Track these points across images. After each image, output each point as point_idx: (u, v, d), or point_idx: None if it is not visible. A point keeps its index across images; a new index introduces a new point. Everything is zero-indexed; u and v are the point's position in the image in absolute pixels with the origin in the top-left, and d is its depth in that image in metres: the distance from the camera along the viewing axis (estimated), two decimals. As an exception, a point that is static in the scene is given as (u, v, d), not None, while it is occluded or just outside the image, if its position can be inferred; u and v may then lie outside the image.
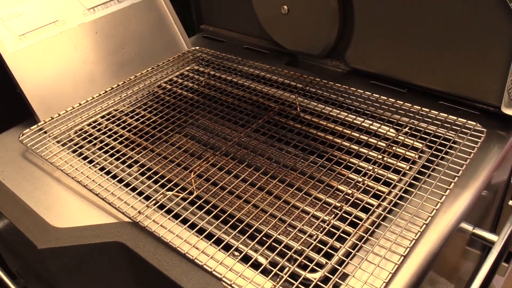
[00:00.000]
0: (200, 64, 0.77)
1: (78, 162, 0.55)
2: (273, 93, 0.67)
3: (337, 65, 0.73)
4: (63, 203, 0.52)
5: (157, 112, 0.65)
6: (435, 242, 0.44)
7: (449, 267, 0.57)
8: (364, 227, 0.44)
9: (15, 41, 0.61)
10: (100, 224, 0.48)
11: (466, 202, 0.48)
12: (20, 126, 0.64)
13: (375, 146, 0.55)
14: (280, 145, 0.57)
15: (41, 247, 0.46)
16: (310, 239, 0.44)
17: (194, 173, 0.53)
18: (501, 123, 0.58)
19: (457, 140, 0.54)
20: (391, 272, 0.40)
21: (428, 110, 0.59)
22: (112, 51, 0.70)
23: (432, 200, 0.46)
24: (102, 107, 0.65)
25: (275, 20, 0.73)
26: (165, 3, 0.77)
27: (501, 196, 0.65)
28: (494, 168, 0.53)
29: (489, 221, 0.66)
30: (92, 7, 0.69)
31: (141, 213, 0.48)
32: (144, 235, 0.46)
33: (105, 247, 0.47)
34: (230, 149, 0.58)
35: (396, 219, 0.45)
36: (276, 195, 0.50)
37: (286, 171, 0.53)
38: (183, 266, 0.43)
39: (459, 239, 0.52)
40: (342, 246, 0.42)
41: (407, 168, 0.51)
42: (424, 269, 0.42)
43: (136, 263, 0.46)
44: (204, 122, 0.64)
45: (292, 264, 0.41)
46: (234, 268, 0.42)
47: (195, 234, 0.45)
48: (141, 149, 0.58)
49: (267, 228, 0.45)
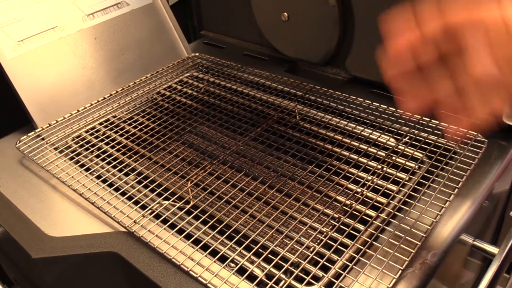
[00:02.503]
0: (200, 71, 0.76)
1: (74, 170, 0.55)
2: (273, 100, 0.67)
3: (337, 73, 0.73)
4: (58, 211, 0.51)
5: (155, 119, 0.64)
6: (435, 254, 0.43)
7: (451, 278, 0.56)
8: (362, 240, 0.44)
9: (13, 47, 0.61)
10: (95, 233, 0.48)
11: (467, 214, 0.48)
12: (18, 133, 0.63)
13: (374, 156, 0.54)
14: (278, 154, 0.57)
15: (35, 256, 0.46)
16: (307, 251, 0.43)
17: (191, 182, 0.53)
18: (503, 133, 0.57)
19: (458, 150, 0.53)
20: (389, 286, 0.39)
21: (428, 119, 0.58)
22: (111, 57, 0.70)
23: (431, 212, 0.46)
24: (101, 114, 0.65)
25: (275, 27, 0.73)
26: (165, 9, 0.77)
27: (502, 207, 0.64)
28: (495, 179, 0.52)
29: (490, 232, 0.65)
30: (91, 13, 0.69)
31: (136, 223, 0.47)
32: (139, 245, 0.46)
33: (100, 257, 0.46)
34: (228, 157, 0.57)
35: (394, 231, 0.44)
36: (274, 205, 0.49)
37: (285, 181, 0.52)
38: (178, 278, 0.42)
39: (460, 251, 0.51)
40: (339, 259, 0.42)
41: (406, 179, 0.50)
42: (423, 282, 0.41)
43: (130, 274, 0.45)
44: (202, 130, 0.64)
45: (288, 277, 0.41)
46: (229, 280, 0.41)
47: (190, 245, 0.44)
48: (138, 157, 0.57)
49: (263, 239, 0.44)
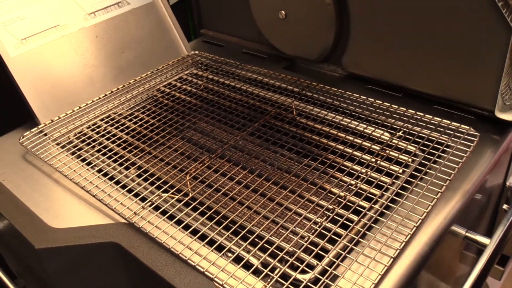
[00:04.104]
0: (199, 68, 0.78)
1: (76, 164, 0.56)
2: (270, 97, 0.68)
3: (334, 70, 0.74)
4: (61, 204, 0.53)
5: (155, 115, 0.66)
6: (426, 244, 0.44)
7: (448, 271, 0.57)
8: (355, 230, 0.45)
9: (16, 45, 0.63)
10: (96, 225, 0.49)
11: (458, 205, 0.49)
12: (21, 129, 0.65)
13: (368, 150, 0.56)
14: (275, 148, 0.58)
15: (39, 247, 0.47)
16: (301, 240, 0.45)
17: (190, 175, 0.54)
18: (495, 127, 0.58)
19: (450, 144, 0.54)
20: (380, 273, 0.40)
21: (422, 114, 0.59)
22: (112, 55, 0.72)
23: (423, 203, 0.47)
24: (102, 110, 0.67)
25: (273, 25, 0.74)
26: (165, 8, 0.78)
27: (496, 200, 0.65)
28: (487, 172, 0.53)
29: (484, 225, 0.66)
30: (92, 11, 0.70)
31: (136, 214, 0.49)
32: (139, 236, 0.47)
33: (101, 248, 0.47)
34: (226, 151, 0.58)
35: (387, 221, 0.45)
36: (270, 197, 0.50)
37: (280, 174, 0.54)
38: (176, 266, 0.43)
39: (453, 242, 0.52)
40: (333, 248, 0.43)
41: (400, 172, 0.52)
42: (414, 270, 0.42)
43: (131, 263, 0.46)
44: (201, 125, 0.65)
45: (283, 265, 0.42)
46: (226, 269, 0.42)
47: (189, 235, 0.46)
48: (138, 152, 0.59)
49: (259, 230, 0.46)
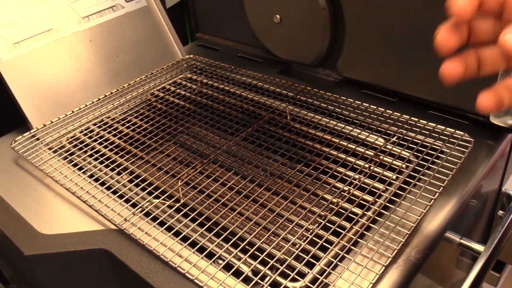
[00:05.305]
0: (194, 72, 0.77)
1: (68, 169, 0.56)
2: (264, 101, 0.67)
3: (329, 74, 0.74)
4: (51, 209, 0.52)
5: (148, 120, 0.65)
6: (419, 252, 0.44)
7: (443, 277, 0.57)
8: (347, 237, 0.45)
9: (9, 49, 0.62)
10: (86, 231, 0.48)
11: (452, 212, 0.48)
12: (13, 133, 0.64)
13: (362, 155, 0.55)
14: (268, 154, 0.58)
15: (28, 253, 0.46)
16: (293, 247, 0.44)
17: (182, 181, 0.54)
18: (490, 133, 0.58)
19: (445, 149, 0.54)
20: (372, 282, 0.40)
21: (417, 120, 0.59)
22: (106, 59, 0.71)
23: (416, 210, 0.46)
24: (95, 115, 0.66)
25: (268, 29, 0.74)
26: (160, 12, 0.78)
27: (491, 207, 0.65)
28: (481, 178, 0.53)
29: (480, 232, 0.66)
30: (86, 15, 0.70)
31: (127, 221, 0.48)
32: (129, 243, 0.47)
33: (91, 254, 0.47)
34: (219, 157, 0.58)
35: (379, 228, 0.45)
36: (262, 203, 0.50)
37: (273, 180, 0.53)
38: (166, 274, 0.43)
39: (448, 249, 0.52)
40: (324, 256, 0.43)
41: (393, 178, 0.51)
42: (406, 278, 0.42)
43: (120, 270, 0.46)
44: (194, 130, 0.65)
45: (274, 273, 0.41)
46: (216, 276, 0.42)
47: (179, 242, 0.45)
48: (131, 157, 0.58)
49: (250, 237, 0.45)
